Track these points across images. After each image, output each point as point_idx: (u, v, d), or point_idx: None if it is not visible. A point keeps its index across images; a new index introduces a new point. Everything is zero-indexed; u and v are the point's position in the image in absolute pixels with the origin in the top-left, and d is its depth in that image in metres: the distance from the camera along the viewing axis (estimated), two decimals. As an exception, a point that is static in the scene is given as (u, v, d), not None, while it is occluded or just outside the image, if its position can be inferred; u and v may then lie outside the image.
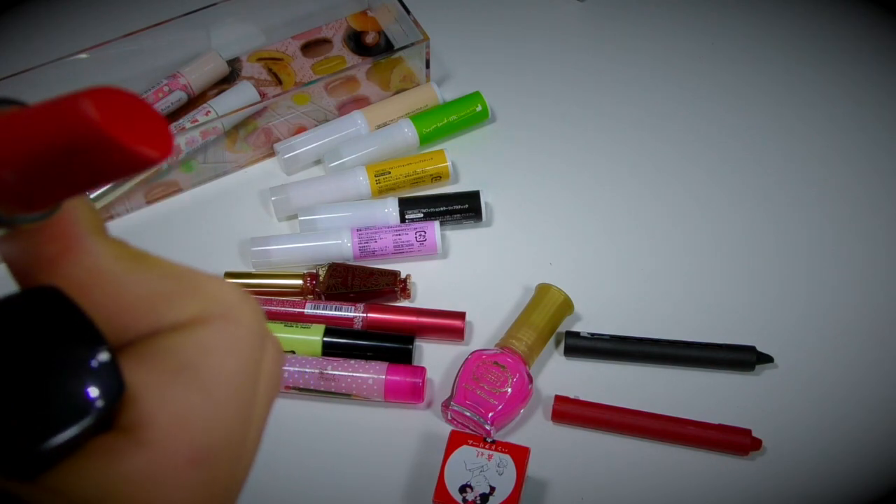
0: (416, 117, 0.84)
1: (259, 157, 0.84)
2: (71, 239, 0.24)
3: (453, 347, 0.74)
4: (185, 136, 0.79)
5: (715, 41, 0.93)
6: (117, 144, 0.21)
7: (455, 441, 0.65)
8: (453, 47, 0.91)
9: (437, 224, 0.77)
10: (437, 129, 0.84)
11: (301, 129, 0.84)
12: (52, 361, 0.23)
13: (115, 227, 0.80)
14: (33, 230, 0.24)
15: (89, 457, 0.23)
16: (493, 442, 0.65)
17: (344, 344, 0.72)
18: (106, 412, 0.23)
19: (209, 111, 0.83)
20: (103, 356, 0.23)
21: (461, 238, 0.80)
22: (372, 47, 0.90)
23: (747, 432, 0.69)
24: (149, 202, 0.82)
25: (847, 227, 0.81)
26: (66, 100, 0.21)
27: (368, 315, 0.74)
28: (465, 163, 0.84)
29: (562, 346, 0.73)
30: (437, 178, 0.81)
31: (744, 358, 0.72)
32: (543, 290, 0.74)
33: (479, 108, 0.84)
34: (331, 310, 0.74)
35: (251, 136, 0.83)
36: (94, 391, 0.23)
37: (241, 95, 0.84)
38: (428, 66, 0.85)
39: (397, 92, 0.86)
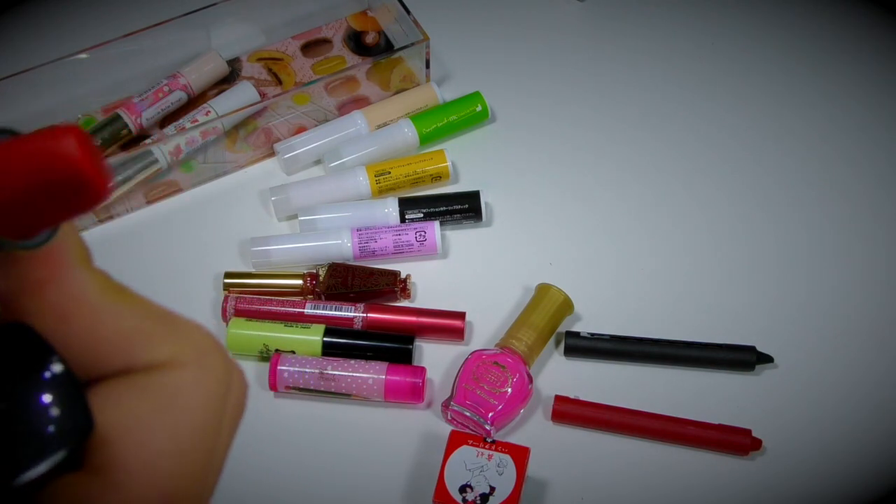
0: (416, 117, 0.84)
1: (259, 157, 0.84)
2: (58, 267, 0.25)
3: (453, 347, 0.74)
4: (185, 136, 0.79)
5: (715, 41, 0.93)
6: (89, 183, 0.22)
7: (455, 441, 0.65)
8: (453, 47, 0.91)
9: (437, 224, 0.77)
10: (437, 129, 0.84)
11: (301, 129, 0.84)
12: (19, 399, 0.23)
13: (115, 227, 0.80)
14: (21, 256, 0.25)
15: (58, 496, 0.24)
16: (493, 442, 0.65)
17: (344, 344, 0.72)
18: (74, 450, 0.23)
19: (209, 111, 0.83)
20: (73, 395, 0.24)
21: (461, 238, 0.80)
22: (372, 47, 0.90)
23: (747, 432, 0.69)
24: (149, 202, 0.82)
25: (847, 227, 0.81)
26: (47, 134, 0.22)
27: (368, 315, 0.74)
28: (465, 163, 0.84)
29: (562, 346, 0.73)
30: (437, 178, 0.81)
31: (744, 358, 0.72)
32: (543, 290, 0.74)
33: (479, 108, 0.84)
34: (331, 310, 0.74)
35: (251, 136, 0.83)
36: (62, 429, 0.23)
37: (241, 95, 0.84)
38: (428, 66, 0.85)
39: (397, 92, 0.86)
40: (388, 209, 0.78)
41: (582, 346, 0.73)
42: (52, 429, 0.23)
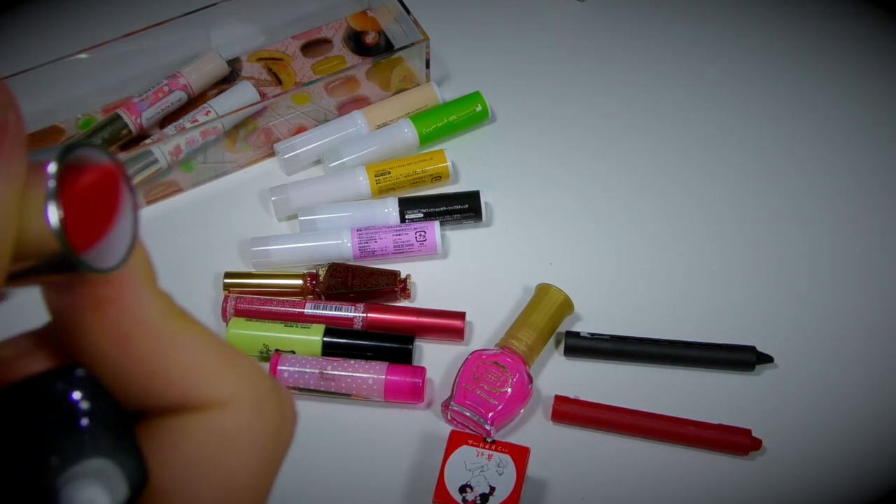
0: (416, 117, 0.84)
1: (259, 157, 0.84)
2: (123, 286, 0.23)
3: (453, 347, 0.74)
4: (185, 136, 0.79)
5: (715, 41, 0.93)
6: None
7: (455, 441, 0.65)
8: (453, 47, 0.91)
9: (437, 224, 0.77)
10: (437, 129, 0.84)
11: (301, 129, 0.84)
12: (71, 450, 0.22)
13: (115, 227, 0.80)
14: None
15: None
16: (493, 442, 0.65)
17: (344, 344, 0.72)
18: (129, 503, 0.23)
19: (209, 111, 0.83)
20: (129, 445, 0.23)
21: (461, 238, 0.80)
22: (372, 47, 0.90)
23: (747, 432, 0.69)
24: (149, 202, 0.82)
25: (846, 226, 0.81)
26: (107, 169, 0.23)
27: (368, 315, 0.74)
28: (465, 163, 0.84)
29: (562, 346, 0.73)
30: (437, 178, 0.81)
31: (744, 358, 0.72)
32: (543, 290, 0.74)
33: (479, 108, 0.84)
34: (331, 310, 0.74)
35: (251, 136, 0.83)
36: (118, 483, 0.22)
37: (241, 95, 0.84)
38: (428, 66, 0.85)
39: (397, 92, 0.86)
40: (388, 209, 0.78)
41: (582, 346, 0.73)
42: (108, 483, 0.22)
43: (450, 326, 0.74)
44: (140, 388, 0.24)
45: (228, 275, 0.76)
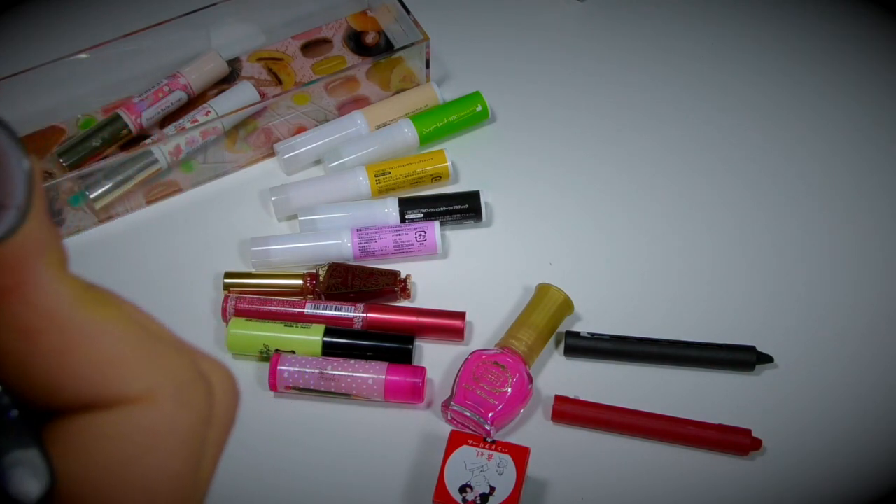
0: (416, 117, 0.84)
1: (259, 157, 0.84)
2: (24, 272, 0.21)
3: (453, 347, 0.74)
4: (185, 136, 0.79)
5: (715, 42, 0.93)
6: None
7: (455, 441, 0.65)
8: (453, 47, 0.91)
9: (437, 224, 0.77)
10: (437, 129, 0.84)
11: (301, 129, 0.84)
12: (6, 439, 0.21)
13: (115, 227, 0.80)
14: None
15: None
16: (493, 442, 0.65)
17: (344, 344, 0.72)
18: None
19: (209, 111, 0.83)
20: (33, 450, 0.21)
21: (461, 238, 0.80)
22: (372, 47, 0.90)
23: (747, 432, 0.69)
24: (149, 202, 0.82)
25: (846, 226, 0.81)
26: None
27: (368, 315, 0.74)
28: (465, 163, 0.84)
29: (562, 346, 0.73)
30: (437, 178, 0.81)
31: (744, 358, 0.72)
32: (543, 290, 0.74)
33: (479, 108, 0.84)
34: (331, 310, 0.74)
35: (251, 136, 0.83)
36: (17, 488, 0.20)
37: (241, 95, 0.84)
38: (428, 66, 0.85)
39: (397, 92, 0.86)
40: (388, 209, 0.78)
41: (582, 346, 0.73)
42: (6, 489, 0.20)
43: (450, 326, 0.74)
44: (49, 384, 0.22)
45: (228, 275, 0.76)
